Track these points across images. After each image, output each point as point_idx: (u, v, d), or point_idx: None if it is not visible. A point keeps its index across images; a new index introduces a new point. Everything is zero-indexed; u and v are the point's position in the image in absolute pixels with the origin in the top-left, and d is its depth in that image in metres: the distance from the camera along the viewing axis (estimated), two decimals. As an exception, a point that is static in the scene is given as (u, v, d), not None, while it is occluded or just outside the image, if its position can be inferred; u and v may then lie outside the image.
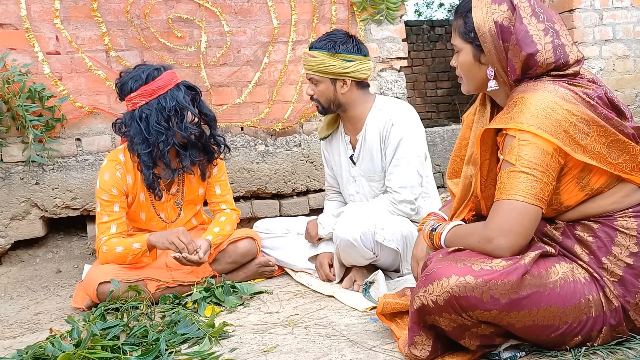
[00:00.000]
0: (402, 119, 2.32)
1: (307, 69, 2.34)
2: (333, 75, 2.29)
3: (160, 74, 2.25)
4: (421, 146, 2.36)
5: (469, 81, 1.58)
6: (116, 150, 2.40)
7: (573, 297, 1.37)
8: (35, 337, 1.97)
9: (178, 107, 2.24)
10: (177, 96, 2.25)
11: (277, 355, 1.62)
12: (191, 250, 2.20)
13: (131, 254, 2.23)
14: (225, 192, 2.56)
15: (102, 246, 2.25)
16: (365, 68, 2.33)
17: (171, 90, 2.25)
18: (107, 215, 2.29)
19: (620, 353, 1.40)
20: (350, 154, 2.47)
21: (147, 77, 2.23)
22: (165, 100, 2.23)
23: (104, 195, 2.28)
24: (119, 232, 2.29)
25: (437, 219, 1.70)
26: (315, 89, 2.35)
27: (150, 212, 2.42)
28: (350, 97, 2.35)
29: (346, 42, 2.29)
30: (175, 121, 2.25)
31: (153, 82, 2.23)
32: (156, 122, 2.22)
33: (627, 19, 3.97)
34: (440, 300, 1.34)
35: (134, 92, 2.24)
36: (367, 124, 2.37)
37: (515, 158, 1.38)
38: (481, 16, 1.48)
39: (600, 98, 1.44)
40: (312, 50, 2.32)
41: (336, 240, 2.27)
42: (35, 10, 2.89)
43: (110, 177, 2.29)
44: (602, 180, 1.43)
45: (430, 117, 7.71)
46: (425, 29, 7.77)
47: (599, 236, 1.43)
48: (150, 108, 2.23)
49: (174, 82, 2.28)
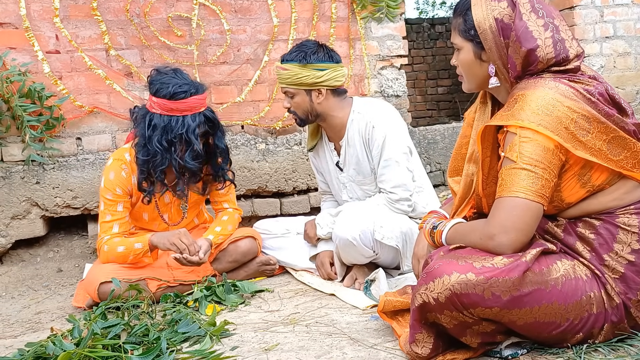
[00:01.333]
0: (381, 119, 2.32)
1: (281, 82, 2.34)
2: (307, 86, 2.29)
3: (186, 98, 2.17)
4: (405, 142, 2.36)
5: (470, 79, 1.58)
6: (122, 149, 2.37)
7: (574, 294, 1.37)
8: (37, 336, 1.97)
9: (184, 137, 2.18)
10: (189, 127, 2.17)
11: (278, 353, 1.62)
12: (192, 252, 2.20)
13: (132, 254, 2.23)
14: (228, 191, 2.56)
15: (104, 245, 2.24)
16: (339, 75, 2.32)
17: (186, 117, 2.17)
18: (110, 214, 2.28)
19: (622, 350, 1.40)
20: (337, 161, 2.47)
21: (173, 94, 2.16)
22: (176, 123, 2.16)
23: (108, 194, 2.27)
24: (121, 231, 2.29)
25: (438, 217, 1.70)
26: (292, 102, 2.35)
27: (154, 213, 2.42)
28: (327, 105, 2.34)
29: (317, 51, 2.28)
30: (179, 147, 2.19)
31: (175, 102, 2.16)
32: (158, 140, 2.17)
33: (627, 16, 3.96)
34: (441, 297, 1.34)
35: (155, 98, 2.19)
36: (349, 129, 2.37)
37: (516, 155, 1.37)
38: (481, 13, 1.48)
39: (601, 95, 1.44)
40: (283, 63, 2.31)
41: (336, 240, 2.27)
42: (34, 9, 2.88)
43: (115, 176, 2.28)
44: (603, 177, 1.43)
45: (430, 115, 7.71)
46: (426, 27, 7.76)
47: (601, 233, 1.43)
48: (160, 121, 2.17)
49: (195, 110, 2.20)
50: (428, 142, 3.68)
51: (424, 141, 3.66)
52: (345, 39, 3.35)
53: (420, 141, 3.63)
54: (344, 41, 3.34)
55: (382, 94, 3.44)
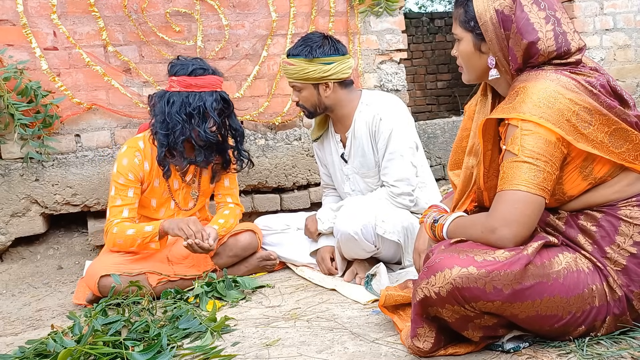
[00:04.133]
0: (389, 111, 2.31)
1: (288, 77, 2.33)
2: (314, 80, 2.27)
3: (205, 74, 2.31)
4: (412, 136, 2.35)
5: (470, 70, 1.58)
6: (136, 137, 2.44)
7: (576, 287, 1.37)
8: (37, 333, 1.97)
9: (202, 109, 2.29)
10: (206, 100, 2.30)
11: (280, 348, 1.62)
12: (201, 238, 2.21)
13: (141, 237, 2.24)
14: (233, 185, 2.59)
15: (113, 227, 2.26)
16: (346, 67, 2.30)
17: (204, 92, 2.30)
18: (120, 199, 2.32)
19: (624, 343, 1.39)
20: (342, 152, 2.46)
21: (192, 71, 2.30)
22: (194, 97, 2.29)
23: (120, 179, 2.32)
24: (130, 216, 2.32)
25: (439, 211, 1.69)
26: (299, 96, 2.34)
27: (162, 198, 2.44)
28: (335, 98, 2.33)
29: (322, 45, 2.26)
30: (197, 120, 2.29)
31: (194, 78, 2.29)
32: (177, 112, 2.27)
33: (627, 8, 3.94)
34: (442, 291, 1.33)
35: (175, 77, 2.31)
36: (355, 120, 2.36)
37: (517, 148, 1.37)
38: (482, 5, 1.47)
39: (602, 86, 1.43)
40: (289, 58, 2.29)
41: (337, 234, 2.26)
42: (32, 5, 2.87)
43: (128, 162, 2.34)
44: (605, 169, 1.42)
45: (430, 110, 7.69)
46: (425, 21, 7.74)
47: (603, 225, 1.42)
48: (178, 98, 2.29)
49: (212, 87, 2.33)
50: (428, 137, 3.67)
51: (424, 135, 3.65)
52: (344, 34, 3.33)
53: (420, 135, 3.61)
54: (343, 35, 3.32)
55: (381, 89, 3.43)
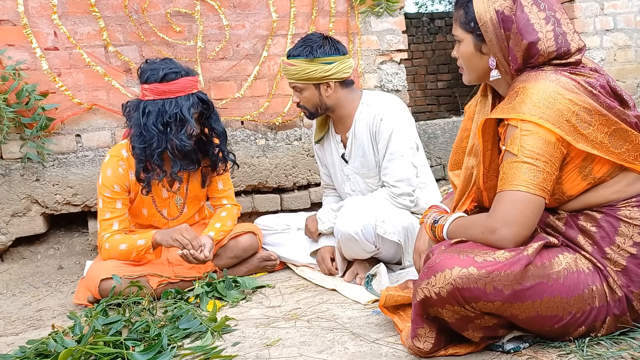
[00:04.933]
0: (390, 112, 2.31)
1: (289, 78, 2.32)
2: (315, 80, 2.27)
3: (177, 78, 2.19)
4: (412, 137, 2.35)
5: (470, 71, 1.58)
6: (118, 145, 2.37)
7: (576, 288, 1.37)
8: (38, 333, 1.97)
9: (179, 116, 2.19)
10: (182, 106, 2.19)
11: (280, 349, 1.62)
12: (195, 247, 2.19)
13: (135, 251, 2.23)
14: (227, 187, 2.55)
15: (105, 243, 2.24)
16: (347, 67, 2.30)
17: (180, 97, 2.20)
18: (109, 212, 2.27)
19: (624, 343, 1.39)
20: (342, 153, 2.46)
21: (163, 76, 2.18)
22: (170, 105, 2.18)
23: (106, 192, 2.27)
24: (121, 228, 2.28)
25: (439, 212, 1.69)
26: (300, 96, 2.34)
27: (153, 208, 2.41)
28: (336, 98, 2.33)
29: (323, 45, 2.26)
30: (174, 128, 2.19)
31: (167, 84, 2.18)
32: (153, 123, 2.18)
33: (628, 8, 3.94)
34: (443, 292, 1.33)
35: (146, 84, 2.21)
36: (356, 120, 2.36)
37: (517, 148, 1.37)
38: (482, 6, 1.47)
39: (602, 87, 1.43)
40: (290, 59, 2.29)
41: (337, 235, 2.26)
42: (32, 6, 2.87)
43: (112, 173, 2.27)
44: (604, 170, 1.42)
45: (430, 110, 7.69)
46: (425, 22, 7.73)
47: (602, 226, 1.42)
48: (154, 107, 2.18)
49: (187, 90, 2.22)
50: (428, 137, 3.67)
51: (425, 136, 3.65)
52: (345, 34, 3.34)
53: (420, 136, 3.60)
54: (344, 36, 3.33)
55: (381, 89, 3.43)
